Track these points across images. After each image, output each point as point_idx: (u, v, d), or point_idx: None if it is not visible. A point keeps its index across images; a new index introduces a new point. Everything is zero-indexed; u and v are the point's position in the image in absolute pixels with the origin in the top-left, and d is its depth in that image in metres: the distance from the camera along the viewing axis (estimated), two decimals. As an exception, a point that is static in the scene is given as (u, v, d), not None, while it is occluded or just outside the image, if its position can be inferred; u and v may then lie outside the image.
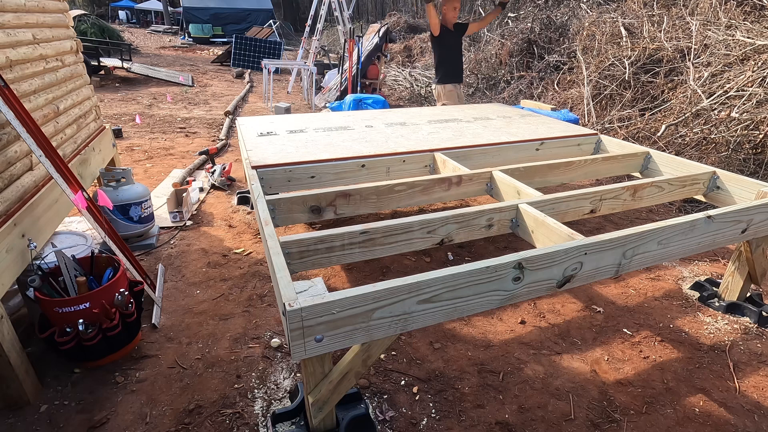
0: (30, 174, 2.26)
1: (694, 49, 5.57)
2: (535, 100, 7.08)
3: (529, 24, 8.74)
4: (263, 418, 1.91)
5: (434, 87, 5.13)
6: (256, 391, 2.06)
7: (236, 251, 3.29)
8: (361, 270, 3.08)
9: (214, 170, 4.66)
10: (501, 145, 3.14)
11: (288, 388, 2.07)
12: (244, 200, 4.12)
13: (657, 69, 5.84)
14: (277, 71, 12.61)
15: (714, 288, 2.87)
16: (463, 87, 5.20)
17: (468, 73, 9.47)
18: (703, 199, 2.76)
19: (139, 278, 2.47)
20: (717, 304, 2.75)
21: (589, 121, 6.03)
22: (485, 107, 4.47)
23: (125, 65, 10.53)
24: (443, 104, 4.96)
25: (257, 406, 1.98)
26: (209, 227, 3.65)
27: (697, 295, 2.87)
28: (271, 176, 2.56)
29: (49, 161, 2.12)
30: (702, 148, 4.66)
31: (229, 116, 7.44)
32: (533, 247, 2.01)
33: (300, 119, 3.74)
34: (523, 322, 2.57)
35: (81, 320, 1.97)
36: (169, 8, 29.49)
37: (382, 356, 2.28)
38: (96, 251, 2.37)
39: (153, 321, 2.45)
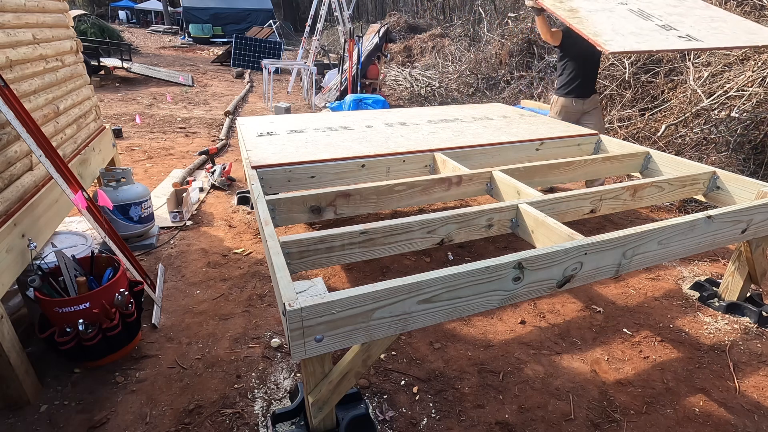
0: (30, 174, 2.26)
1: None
2: (535, 100, 7.09)
3: (529, 24, 8.74)
4: (263, 418, 1.91)
5: (552, 96, 4.46)
6: (256, 391, 2.06)
7: (236, 251, 3.29)
8: (361, 270, 3.08)
9: (214, 170, 4.66)
10: (501, 145, 3.14)
11: (288, 388, 2.07)
12: (244, 200, 4.12)
13: (657, 69, 5.85)
14: (277, 71, 12.61)
15: (714, 288, 2.87)
16: (588, 103, 4.12)
17: (468, 73, 9.47)
18: (703, 199, 2.76)
19: (139, 278, 2.47)
20: (717, 304, 2.75)
21: (589, 121, 6.02)
22: (485, 107, 4.47)
23: (125, 65, 10.52)
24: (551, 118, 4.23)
25: (257, 406, 1.98)
26: (209, 227, 3.66)
27: (697, 295, 2.87)
28: (271, 176, 2.56)
29: (49, 161, 2.12)
30: (702, 148, 4.66)
31: (229, 116, 7.44)
32: (533, 247, 2.01)
33: (300, 119, 3.74)
34: (523, 322, 2.57)
35: (81, 320, 1.97)
36: (169, 8, 29.48)
37: (382, 356, 2.28)
38: (96, 251, 2.37)
39: (153, 321, 2.45)
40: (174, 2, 30.34)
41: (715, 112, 4.80)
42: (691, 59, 5.47)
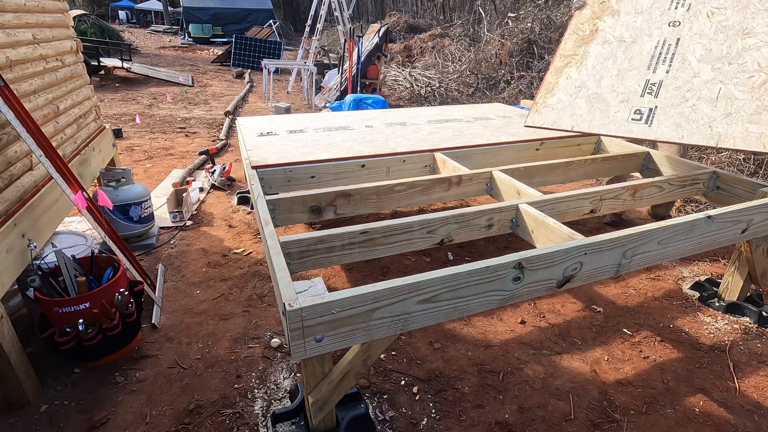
0: (30, 174, 2.26)
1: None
2: (535, 100, 7.07)
3: (529, 24, 8.75)
4: (263, 418, 1.91)
5: None
6: (256, 391, 2.06)
7: (236, 251, 3.29)
8: (361, 270, 3.08)
9: (214, 170, 4.66)
10: (501, 145, 3.14)
11: (288, 388, 2.07)
12: (244, 200, 4.12)
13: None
14: (277, 71, 12.61)
15: (714, 288, 2.87)
16: None
17: (468, 73, 9.47)
18: (703, 199, 2.76)
19: (139, 278, 2.47)
20: (717, 304, 2.75)
21: (589, 121, 6.01)
22: (485, 107, 4.47)
23: (125, 65, 10.52)
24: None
25: (257, 406, 1.98)
26: (209, 227, 3.65)
27: (697, 295, 2.87)
28: (271, 176, 2.56)
29: (49, 161, 2.12)
30: (702, 147, 4.66)
31: (229, 116, 7.44)
32: (533, 247, 2.01)
33: (300, 119, 3.74)
34: (523, 322, 2.57)
35: (81, 320, 1.97)
36: (169, 8, 29.48)
37: (382, 356, 2.28)
38: (96, 251, 2.37)
39: (153, 321, 2.45)
40: (174, 2, 30.33)
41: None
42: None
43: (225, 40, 19.95)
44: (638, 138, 2.48)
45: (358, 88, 8.00)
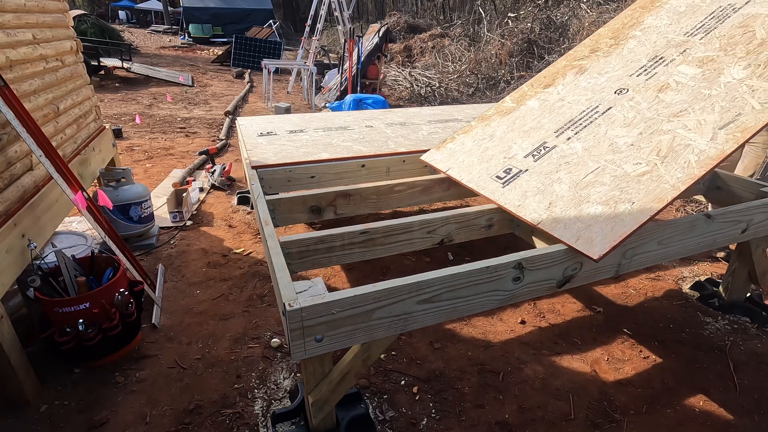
0: (30, 174, 2.26)
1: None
2: (535, 100, 7.07)
3: (529, 24, 8.76)
4: (263, 418, 1.91)
5: None
6: (256, 391, 2.06)
7: (236, 251, 3.29)
8: (361, 270, 3.08)
9: (214, 170, 4.66)
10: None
11: (288, 388, 2.07)
12: (244, 200, 4.12)
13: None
14: (277, 71, 12.60)
15: (714, 288, 2.87)
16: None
17: (468, 73, 9.47)
18: (703, 199, 2.76)
19: (139, 278, 2.47)
20: (717, 304, 2.75)
21: (589, 121, 6.01)
22: (485, 107, 4.47)
23: (125, 65, 10.52)
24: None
25: (257, 406, 1.98)
26: (209, 227, 3.65)
27: (697, 295, 2.87)
28: (271, 176, 2.57)
29: (49, 161, 2.12)
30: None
31: (229, 116, 7.43)
32: (533, 247, 2.01)
33: (300, 119, 3.74)
34: (523, 322, 2.57)
35: (81, 320, 1.97)
36: (169, 8, 29.47)
37: (382, 356, 2.28)
38: (96, 251, 2.37)
39: (153, 321, 2.45)
40: (174, 2, 30.32)
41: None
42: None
43: (225, 40, 19.92)
44: (485, 196, 2.19)
45: (358, 88, 7.99)
